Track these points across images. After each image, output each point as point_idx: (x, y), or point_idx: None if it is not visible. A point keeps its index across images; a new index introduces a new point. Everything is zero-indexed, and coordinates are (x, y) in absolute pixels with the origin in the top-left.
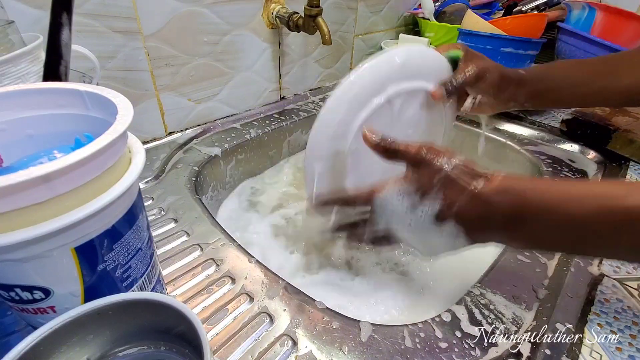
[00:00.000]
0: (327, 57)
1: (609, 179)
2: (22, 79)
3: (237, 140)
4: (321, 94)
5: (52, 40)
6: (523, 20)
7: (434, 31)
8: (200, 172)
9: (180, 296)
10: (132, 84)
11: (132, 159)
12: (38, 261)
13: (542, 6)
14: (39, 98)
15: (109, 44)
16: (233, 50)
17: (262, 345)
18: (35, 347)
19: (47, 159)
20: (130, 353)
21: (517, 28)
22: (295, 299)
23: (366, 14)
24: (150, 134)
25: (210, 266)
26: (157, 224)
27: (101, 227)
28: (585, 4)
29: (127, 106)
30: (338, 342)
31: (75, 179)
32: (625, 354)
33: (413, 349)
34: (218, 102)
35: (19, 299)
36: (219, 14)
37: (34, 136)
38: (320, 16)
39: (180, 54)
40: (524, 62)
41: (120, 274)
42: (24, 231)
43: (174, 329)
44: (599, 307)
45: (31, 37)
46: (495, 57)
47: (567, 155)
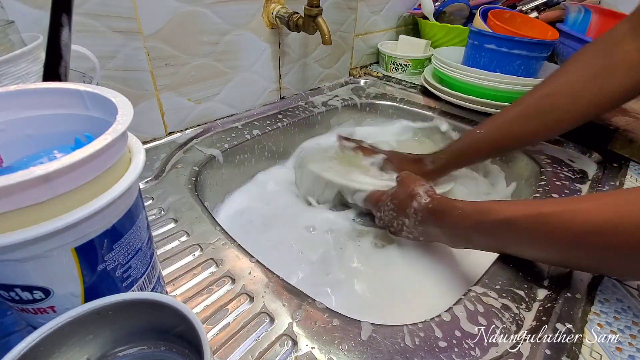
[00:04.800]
0: (327, 57)
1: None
2: (22, 79)
3: (237, 140)
4: (321, 94)
5: (52, 40)
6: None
7: (434, 31)
8: (201, 172)
9: (180, 296)
10: (132, 84)
11: (132, 159)
12: (38, 261)
13: (542, 6)
14: (39, 98)
15: (109, 44)
16: (233, 50)
17: (262, 345)
18: (35, 347)
19: (47, 159)
20: (130, 353)
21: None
22: (295, 299)
23: (366, 14)
24: (150, 134)
25: (210, 266)
26: (157, 224)
27: (101, 227)
28: (582, 6)
29: (127, 106)
30: (338, 341)
31: (75, 179)
32: (625, 354)
33: (413, 349)
34: (218, 102)
35: (19, 299)
36: (219, 14)
37: (34, 136)
38: (320, 16)
39: (180, 54)
40: (537, 63)
41: (120, 274)
42: (24, 231)
43: (174, 329)
44: (599, 307)
45: (31, 37)
46: (507, 60)
47: (567, 155)
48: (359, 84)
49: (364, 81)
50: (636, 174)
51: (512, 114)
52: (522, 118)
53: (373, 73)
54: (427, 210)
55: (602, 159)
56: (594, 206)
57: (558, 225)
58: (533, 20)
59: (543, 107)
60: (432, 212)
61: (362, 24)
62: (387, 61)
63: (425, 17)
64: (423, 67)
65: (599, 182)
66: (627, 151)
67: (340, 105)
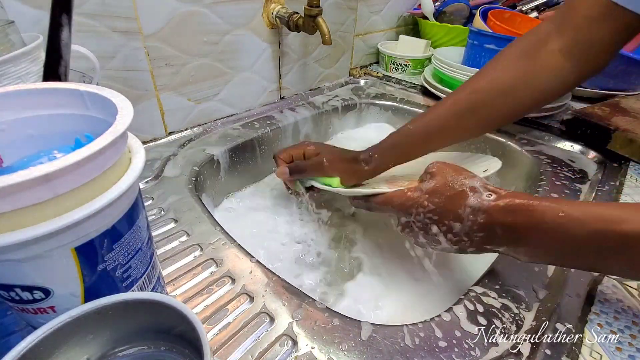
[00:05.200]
0: (327, 57)
1: (608, 180)
2: (22, 79)
3: (237, 140)
4: (321, 94)
5: (52, 40)
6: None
7: (434, 31)
8: (200, 172)
9: (180, 296)
10: (132, 84)
11: (132, 159)
12: (38, 261)
13: (542, 6)
14: (39, 98)
15: (109, 44)
16: (233, 50)
17: (262, 345)
18: (35, 347)
19: (47, 159)
20: (130, 353)
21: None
22: (295, 299)
23: (366, 14)
24: (150, 134)
25: (210, 266)
26: (157, 224)
27: (101, 227)
28: None
29: (127, 106)
30: (338, 341)
31: (75, 179)
32: (625, 354)
33: (413, 349)
34: (218, 102)
35: (19, 299)
36: (219, 14)
37: (34, 136)
38: (320, 16)
39: (180, 54)
40: None
41: (120, 274)
42: (24, 231)
43: (174, 329)
44: (599, 307)
45: (31, 37)
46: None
47: (567, 155)
48: (359, 84)
49: (364, 81)
50: (636, 174)
51: (443, 109)
52: (452, 114)
53: (373, 73)
54: (496, 210)
55: (602, 159)
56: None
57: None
58: (533, 20)
59: (473, 104)
60: (504, 212)
61: (362, 24)
62: (387, 61)
63: (425, 17)
64: (423, 67)
65: (599, 182)
66: (627, 151)
67: (340, 105)
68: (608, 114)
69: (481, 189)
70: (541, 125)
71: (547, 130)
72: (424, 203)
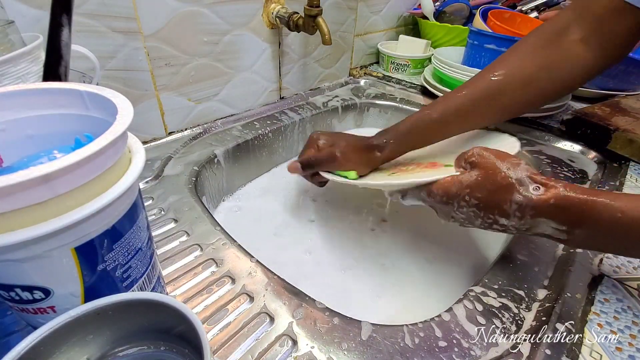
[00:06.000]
0: (327, 57)
1: (608, 180)
2: (22, 79)
3: (237, 140)
4: (321, 94)
5: (52, 40)
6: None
7: (434, 31)
8: (200, 172)
9: (180, 296)
10: (132, 84)
11: (132, 159)
12: (38, 261)
13: (542, 6)
14: (39, 98)
15: (109, 44)
16: (233, 50)
17: (262, 345)
18: (35, 347)
19: (47, 159)
20: (130, 353)
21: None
22: (295, 299)
23: (366, 14)
24: (150, 134)
25: (210, 266)
26: (157, 224)
27: (101, 227)
28: None
29: (127, 106)
30: (338, 341)
31: (75, 179)
32: (625, 354)
33: (413, 349)
34: (218, 102)
35: (19, 299)
36: (219, 14)
37: (34, 136)
38: (320, 16)
39: (180, 54)
40: None
41: (120, 274)
42: (24, 231)
43: (174, 329)
44: (599, 307)
45: (31, 37)
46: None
47: (567, 155)
48: (358, 84)
49: (364, 81)
50: (636, 174)
51: (461, 95)
52: (470, 101)
53: (373, 73)
54: (545, 207)
55: (602, 159)
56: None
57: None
58: (533, 20)
59: (492, 92)
60: (554, 209)
61: (362, 24)
62: (387, 61)
63: (425, 17)
64: (423, 67)
65: (599, 182)
66: (627, 151)
67: (340, 106)
68: (608, 114)
69: (527, 181)
70: (541, 125)
71: (547, 130)
72: (465, 198)
